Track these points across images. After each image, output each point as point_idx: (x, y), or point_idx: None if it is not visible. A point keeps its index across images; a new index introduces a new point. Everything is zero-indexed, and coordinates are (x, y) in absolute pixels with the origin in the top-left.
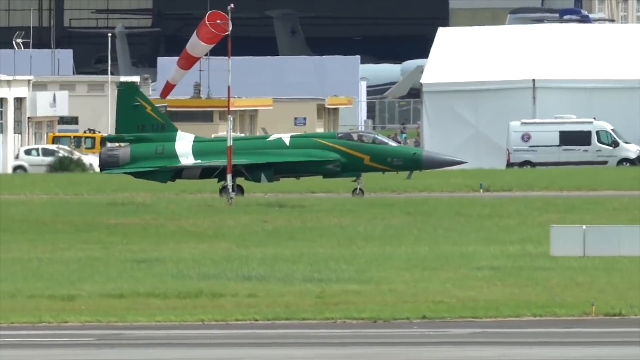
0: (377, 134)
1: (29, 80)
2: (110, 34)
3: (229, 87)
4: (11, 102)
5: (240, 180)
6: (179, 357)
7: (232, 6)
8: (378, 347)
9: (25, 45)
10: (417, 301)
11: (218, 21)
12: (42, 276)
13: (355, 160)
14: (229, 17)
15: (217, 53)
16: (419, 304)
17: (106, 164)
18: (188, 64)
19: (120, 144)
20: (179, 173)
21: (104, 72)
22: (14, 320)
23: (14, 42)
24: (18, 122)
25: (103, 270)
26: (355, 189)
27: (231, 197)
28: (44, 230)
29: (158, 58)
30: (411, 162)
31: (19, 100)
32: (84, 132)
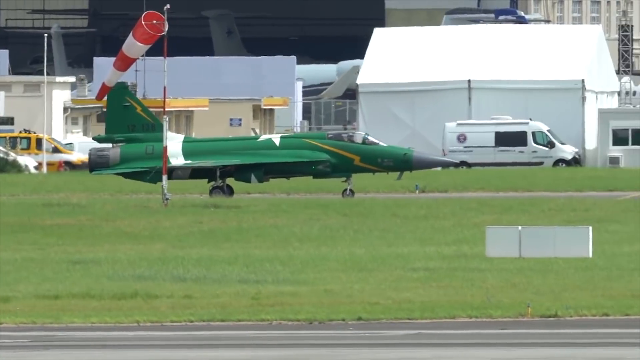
0: (367, 135)
1: None
2: (46, 35)
3: (164, 87)
4: None
5: (230, 181)
6: (114, 359)
7: (168, 7)
8: (314, 348)
9: None
10: (352, 302)
11: (154, 22)
12: None
13: (345, 161)
14: (165, 18)
15: (153, 53)
16: (354, 305)
17: (96, 164)
18: (124, 65)
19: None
20: (169, 173)
21: (40, 73)
22: None
23: None
24: None
25: (38, 271)
26: (346, 190)
27: (167, 198)
28: None
29: (94, 58)
30: (401, 163)
31: None
32: (20, 132)
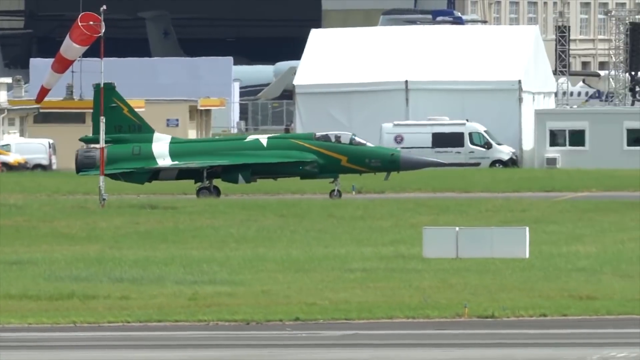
0: (354, 135)
1: None
2: None
3: (101, 88)
4: None
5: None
6: (51, 359)
7: (105, 8)
8: (251, 349)
9: None
10: (290, 303)
11: (91, 23)
12: None
13: (332, 162)
14: (102, 19)
15: (90, 55)
16: (291, 306)
17: (83, 165)
18: (62, 67)
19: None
20: (156, 174)
21: None
22: None
23: None
24: None
25: None
26: (333, 191)
27: (104, 199)
28: None
29: (30, 59)
30: (389, 163)
31: None
32: None
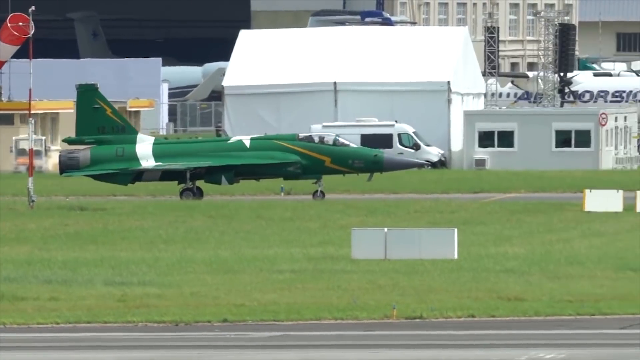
0: (338, 136)
1: None
2: None
3: (30, 90)
4: None
5: (200, 183)
6: None
7: (33, 8)
8: (180, 350)
9: None
10: (218, 304)
11: (20, 24)
12: None
13: (316, 162)
14: (31, 19)
15: (19, 56)
16: (220, 307)
17: (66, 166)
18: None
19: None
20: (139, 175)
21: None
22: None
23: None
24: None
25: None
26: (316, 192)
27: (33, 200)
28: None
29: None
30: (372, 164)
31: None
32: None
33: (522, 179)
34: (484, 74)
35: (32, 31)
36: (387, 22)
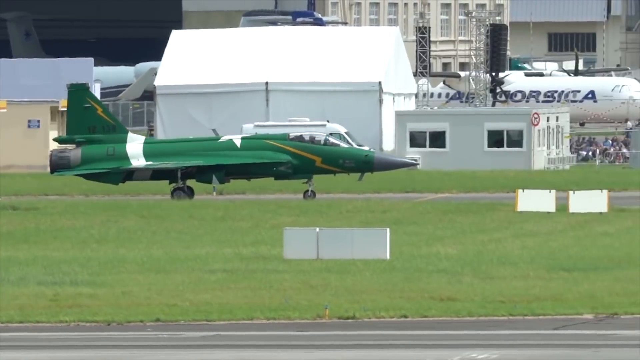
0: (329, 136)
1: None
2: None
3: None
4: None
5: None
6: None
7: None
8: (112, 350)
9: None
10: (150, 304)
11: None
12: None
13: (306, 162)
14: None
15: None
16: (152, 307)
17: (57, 165)
18: None
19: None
20: (130, 174)
21: None
22: None
23: None
24: None
25: None
26: (307, 191)
27: None
28: None
29: None
30: (363, 164)
31: None
32: None
33: (454, 179)
34: (415, 74)
35: None
36: (319, 22)
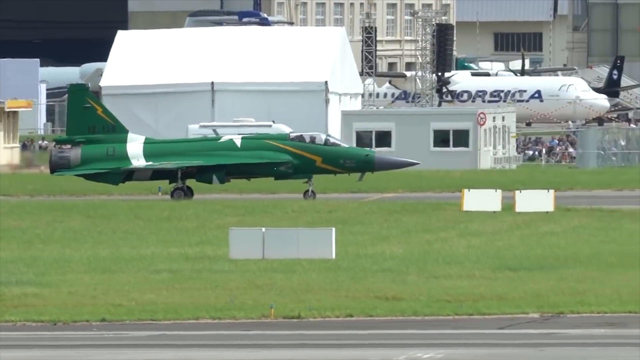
0: (329, 136)
1: None
2: None
3: None
4: None
5: (190, 182)
6: None
7: None
8: (58, 349)
9: None
10: (96, 304)
11: None
12: None
13: (307, 162)
14: None
15: None
16: (98, 307)
17: (57, 165)
18: None
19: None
20: (130, 175)
21: None
22: None
23: None
24: None
25: None
26: (307, 191)
27: None
28: None
29: None
30: (363, 164)
31: None
32: None
33: (400, 178)
34: (361, 74)
35: None
36: (265, 23)
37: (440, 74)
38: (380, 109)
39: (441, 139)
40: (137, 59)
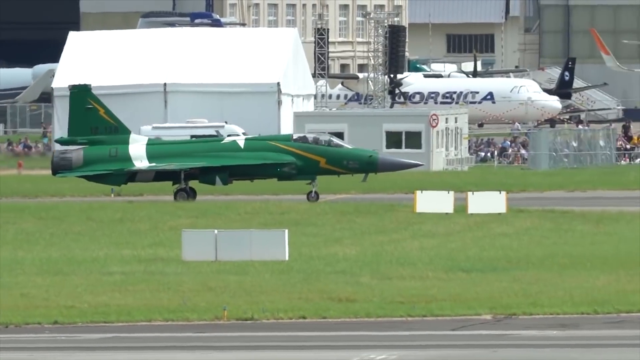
0: (332, 137)
1: None
2: None
3: None
4: None
5: (193, 183)
6: None
7: None
8: (10, 352)
9: None
10: (48, 306)
11: None
12: None
13: (310, 163)
14: None
15: None
16: (50, 309)
17: (59, 167)
18: None
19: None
20: (133, 176)
21: None
22: None
23: None
24: None
25: None
26: (310, 192)
27: None
28: None
29: None
30: (367, 165)
31: None
32: None
33: (352, 180)
34: (314, 76)
35: None
36: (217, 24)
37: (392, 75)
38: (332, 111)
39: (393, 140)
40: (90, 60)
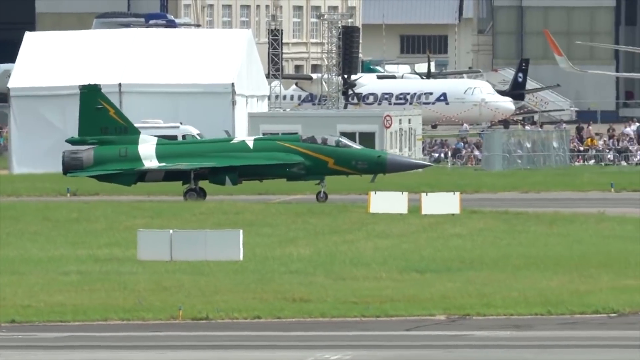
0: (341, 137)
1: None
2: None
3: None
4: None
5: (203, 183)
6: None
7: None
8: None
9: None
10: (5, 305)
11: None
12: None
13: (319, 164)
14: None
15: None
16: (7, 308)
17: (70, 166)
18: None
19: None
20: (142, 175)
21: None
22: None
23: None
24: None
25: None
26: (319, 192)
27: None
28: None
29: None
30: (375, 165)
31: None
32: None
33: (307, 180)
34: (268, 76)
35: None
36: (171, 25)
37: (346, 76)
38: (286, 111)
39: None
40: (45, 60)
